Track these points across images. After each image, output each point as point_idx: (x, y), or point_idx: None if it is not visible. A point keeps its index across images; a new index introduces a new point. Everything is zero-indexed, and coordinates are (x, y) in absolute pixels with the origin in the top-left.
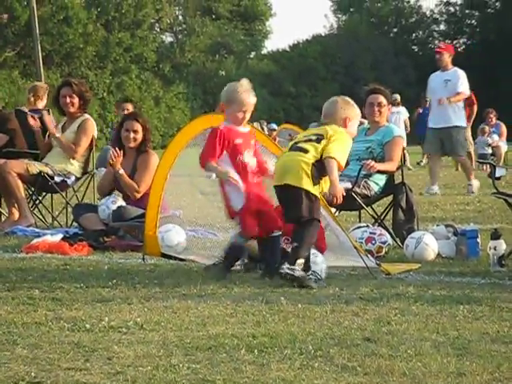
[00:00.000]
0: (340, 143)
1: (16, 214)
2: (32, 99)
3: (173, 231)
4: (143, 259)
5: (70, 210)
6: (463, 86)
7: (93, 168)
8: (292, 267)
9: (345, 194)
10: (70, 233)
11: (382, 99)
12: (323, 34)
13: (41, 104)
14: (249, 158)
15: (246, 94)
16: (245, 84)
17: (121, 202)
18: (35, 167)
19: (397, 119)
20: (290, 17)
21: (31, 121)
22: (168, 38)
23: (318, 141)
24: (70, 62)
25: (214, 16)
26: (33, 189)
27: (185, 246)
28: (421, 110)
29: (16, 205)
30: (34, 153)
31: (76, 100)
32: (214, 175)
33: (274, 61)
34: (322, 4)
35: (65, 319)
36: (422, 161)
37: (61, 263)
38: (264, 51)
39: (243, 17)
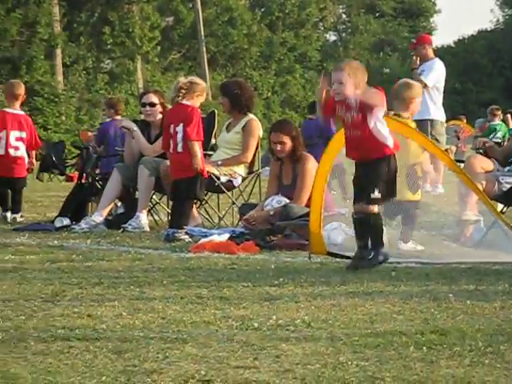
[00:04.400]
0: None
1: None
2: None
3: (338, 229)
4: (309, 258)
5: (236, 209)
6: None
7: (258, 167)
8: None
9: None
10: (236, 232)
11: None
12: (489, 29)
13: None
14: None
15: None
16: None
17: (285, 201)
18: None
19: None
20: (455, 12)
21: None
22: (332, 37)
23: None
24: (234, 63)
25: (377, 13)
26: None
27: (351, 245)
28: None
29: None
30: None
31: (225, 100)
32: None
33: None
34: None
35: (233, 318)
36: None
37: (228, 262)
38: None
39: (407, 13)
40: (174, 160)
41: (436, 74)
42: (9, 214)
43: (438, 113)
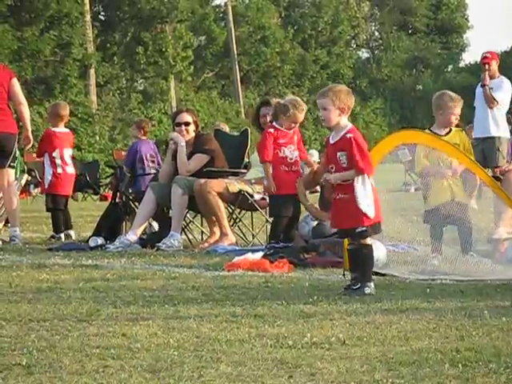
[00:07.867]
0: None
1: (217, 233)
2: None
3: (373, 246)
4: (343, 275)
5: (269, 227)
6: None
7: None
8: None
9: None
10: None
11: None
12: None
13: None
14: None
15: None
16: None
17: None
18: (235, 186)
19: None
20: (488, 29)
21: None
22: (364, 54)
23: None
24: (267, 81)
25: (410, 30)
26: (233, 207)
27: (385, 261)
28: None
29: (217, 223)
30: (234, 172)
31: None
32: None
33: (472, 73)
34: None
35: (267, 336)
36: None
37: (262, 280)
38: (462, 64)
39: (440, 30)
40: None
41: (506, 91)
42: (72, 232)
43: (505, 131)
